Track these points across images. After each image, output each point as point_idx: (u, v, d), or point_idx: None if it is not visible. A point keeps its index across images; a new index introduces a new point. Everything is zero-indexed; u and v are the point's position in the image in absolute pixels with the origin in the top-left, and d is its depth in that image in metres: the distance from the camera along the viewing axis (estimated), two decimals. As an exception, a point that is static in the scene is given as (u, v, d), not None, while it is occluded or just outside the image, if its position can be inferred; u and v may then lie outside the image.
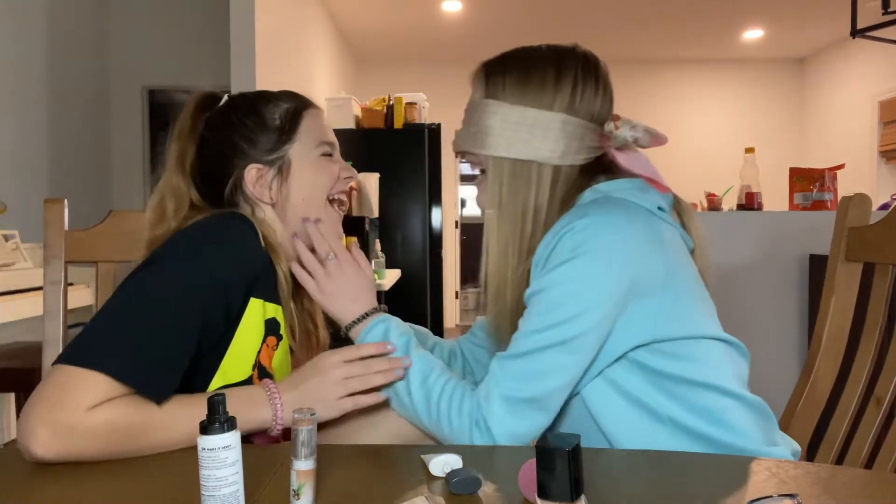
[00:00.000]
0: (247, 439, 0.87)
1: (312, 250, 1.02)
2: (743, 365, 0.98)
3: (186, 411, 0.82)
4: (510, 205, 0.96)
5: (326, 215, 1.05)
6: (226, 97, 1.07)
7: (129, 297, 0.85)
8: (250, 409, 0.86)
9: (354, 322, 0.98)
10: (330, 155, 1.06)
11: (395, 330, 0.97)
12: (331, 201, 1.06)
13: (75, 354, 0.79)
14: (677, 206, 1.02)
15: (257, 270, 0.94)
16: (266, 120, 1.03)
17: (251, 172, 1.01)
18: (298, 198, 1.02)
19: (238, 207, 1.03)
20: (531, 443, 0.89)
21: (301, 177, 1.03)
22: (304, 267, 1.02)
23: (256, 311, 0.95)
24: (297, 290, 1.13)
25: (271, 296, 0.97)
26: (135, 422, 0.80)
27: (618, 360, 0.91)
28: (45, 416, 0.76)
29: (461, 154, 1.03)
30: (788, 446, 0.97)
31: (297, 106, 1.05)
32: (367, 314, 0.99)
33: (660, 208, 0.95)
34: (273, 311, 0.98)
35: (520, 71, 0.97)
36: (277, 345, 0.99)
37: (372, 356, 0.94)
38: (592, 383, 0.92)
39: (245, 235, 0.94)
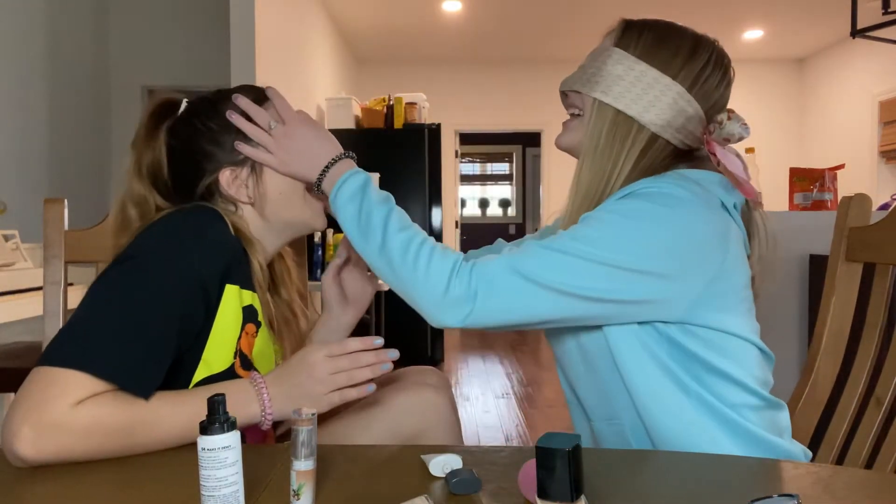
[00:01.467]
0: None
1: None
2: (769, 373, 0.98)
3: (174, 409, 0.82)
4: (604, 154, 0.95)
5: (309, 207, 1.03)
6: (185, 102, 1.05)
7: (105, 294, 0.84)
8: (239, 405, 0.85)
9: (322, 174, 0.95)
10: None
11: (374, 183, 0.94)
12: (310, 191, 1.03)
13: (55, 355, 0.79)
14: (747, 212, 1.01)
15: (230, 258, 0.93)
16: (229, 120, 1.01)
17: (225, 175, 1.00)
18: (276, 192, 1.01)
19: (216, 205, 1.01)
20: (533, 443, 0.89)
21: (275, 172, 1.01)
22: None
23: (233, 298, 0.94)
24: (273, 281, 1.13)
25: (246, 283, 0.97)
26: (121, 419, 0.79)
27: (643, 324, 0.90)
28: (28, 415, 0.75)
29: (565, 94, 1.03)
30: (802, 450, 0.98)
31: (257, 98, 1.02)
32: (334, 160, 0.95)
33: (735, 206, 0.95)
34: (250, 297, 0.98)
35: (658, 33, 0.97)
36: (257, 332, 0.99)
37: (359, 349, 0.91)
38: (625, 343, 0.90)
39: (215, 225, 0.94)
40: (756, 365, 0.95)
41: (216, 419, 0.64)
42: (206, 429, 0.63)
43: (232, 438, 0.64)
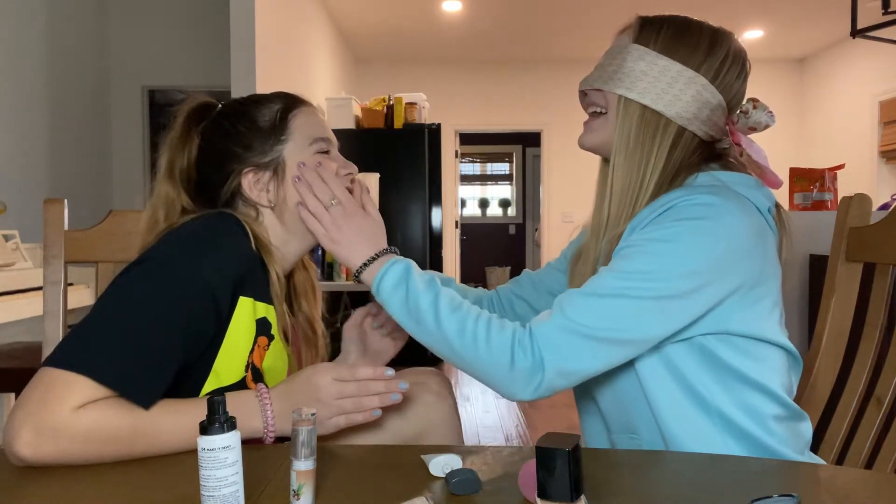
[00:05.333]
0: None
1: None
2: (795, 378, 0.99)
3: (176, 418, 0.82)
4: (636, 152, 0.95)
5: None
6: (220, 106, 1.07)
7: (115, 299, 0.85)
8: (242, 418, 0.84)
9: (364, 264, 0.95)
10: (326, 152, 1.04)
11: (415, 268, 0.94)
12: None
13: (60, 357, 0.79)
14: (777, 214, 1.01)
15: (244, 270, 0.93)
16: (258, 123, 1.02)
17: (248, 176, 1.01)
18: (297, 198, 1.01)
19: (237, 211, 1.02)
20: (535, 444, 0.89)
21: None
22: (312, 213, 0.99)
23: (246, 310, 0.94)
24: (295, 294, 1.12)
25: (262, 295, 0.96)
26: (122, 426, 0.79)
27: (683, 340, 0.90)
28: (29, 417, 0.76)
29: (585, 93, 1.02)
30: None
31: (288, 105, 1.04)
32: (377, 255, 0.96)
33: (769, 210, 0.96)
34: (264, 310, 0.97)
35: (676, 28, 0.97)
36: (269, 345, 0.98)
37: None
38: (649, 360, 0.91)
39: (233, 235, 0.93)
40: (785, 371, 0.95)
41: (216, 419, 0.64)
42: (206, 429, 0.63)
43: (232, 438, 0.64)
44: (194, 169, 1.04)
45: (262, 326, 0.97)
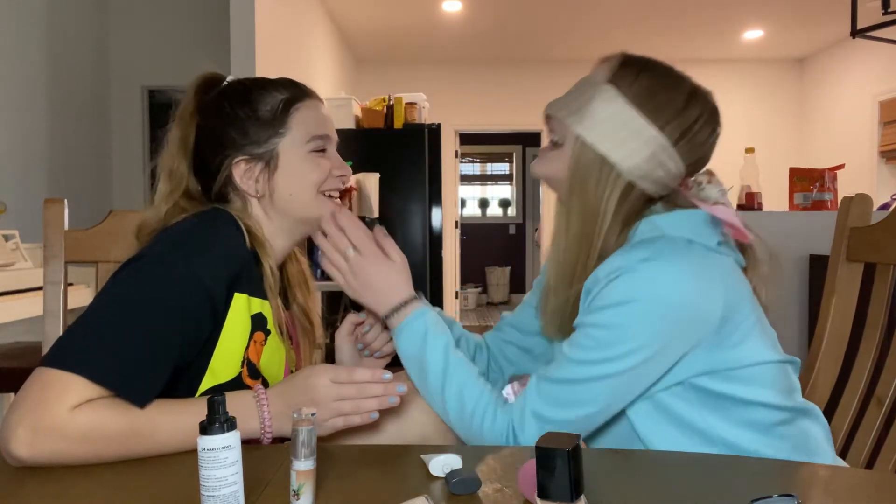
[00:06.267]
0: None
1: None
2: (795, 377, 0.98)
3: (173, 418, 0.82)
4: (584, 196, 0.93)
5: (321, 206, 1.02)
6: (226, 81, 1.05)
7: (109, 299, 0.84)
8: (239, 418, 0.83)
9: (388, 314, 0.97)
10: (323, 150, 1.03)
11: (434, 329, 0.96)
12: (322, 194, 1.03)
13: (55, 357, 0.79)
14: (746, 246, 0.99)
15: (238, 267, 0.93)
16: (258, 110, 1.00)
17: (239, 165, 1.00)
18: (286, 192, 1.00)
19: (229, 199, 1.02)
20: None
21: (289, 171, 1.00)
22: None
23: (241, 307, 0.94)
24: (289, 285, 1.12)
25: (256, 290, 0.96)
26: (119, 427, 0.79)
27: (666, 389, 0.90)
28: (25, 417, 0.75)
29: (549, 117, 1.00)
30: (835, 460, 0.97)
31: (292, 96, 1.02)
32: (398, 306, 0.97)
33: (719, 243, 0.92)
34: (259, 305, 0.97)
35: (654, 80, 0.93)
36: (266, 340, 0.98)
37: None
38: (640, 406, 0.92)
39: (227, 233, 0.93)
40: (781, 378, 0.93)
41: (216, 419, 0.64)
42: (206, 429, 0.63)
43: (232, 438, 0.64)
44: (195, 149, 1.03)
45: (258, 322, 0.97)
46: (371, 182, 4.18)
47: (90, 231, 1.29)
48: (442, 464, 0.75)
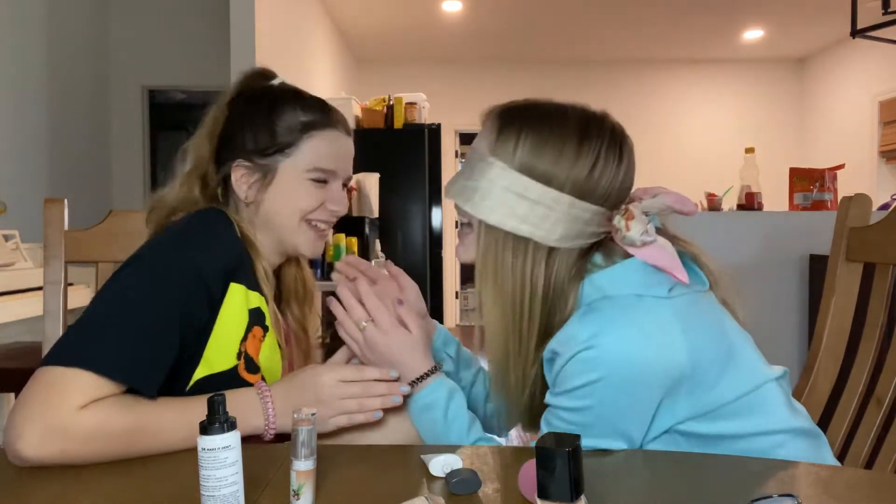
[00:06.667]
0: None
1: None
2: (787, 388, 0.93)
3: (178, 416, 0.82)
4: (504, 281, 0.87)
5: (301, 235, 1.02)
6: (274, 81, 1.05)
7: (109, 295, 0.86)
8: (243, 415, 0.84)
9: (409, 387, 0.95)
10: (323, 182, 1.02)
11: (453, 408, 0.93)
12: (308, 222, 1.02)
13: (58, 354, 0.79)
14: (686, 250, 0.92)
15: (234, 259, 0.94)
16: (276, 123, 1.00)
17: (239, 168, 1.01)
18: (271, 209, 1.01)
19: (226, 198, 1.04)
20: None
21: (281, 190, 1.00)
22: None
23: (238, 297, 0.94)
24: (287, 295, 1.13)
25: (254, 285, 0.97)
26: (127, 424, 0.79)
27: (659, 435, 0.86)
28: (32, 417, 0.76)
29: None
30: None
31: (313, 121, 1.01)
32: (418, 379, 0.94)
33: (670, 290, 0.85)
34: (257, 300, 0.97)
35: (537, 135, 0.86)
36: (264, 336, 0.98)
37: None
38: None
39: (222, 229, 0.95)
40: (771, 399, 0.88)
41: (216, 419, 0.64)
42: (206, 429, 0.63)
43: (232, 438, 0.64)
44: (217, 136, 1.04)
45: (257, 316, 0.97)
46: (371, 182, 4.18)
47: (90, 231, 1.29)
48: (442, 464, 0.75)
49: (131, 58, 4.78)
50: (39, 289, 2.13)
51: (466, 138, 8.01)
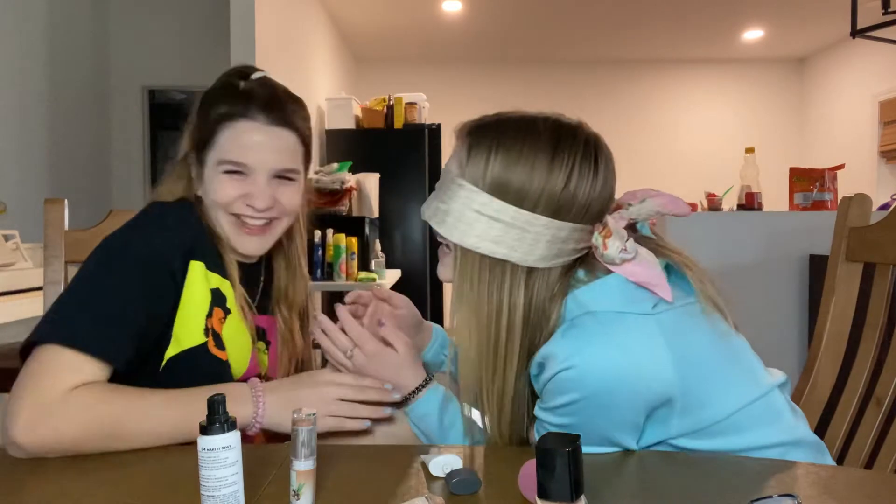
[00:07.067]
0: None
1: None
2: (786, 394, 0.92)
3: (165, 400, 0.86)
4: (480, 305, 0.84)
5: (224, 229, 1.02)
6: (254, 76, 1.05)
7: (75, 282, 0.91)
8: (231, 403, 0.84)
9: (403, 400, 0.98)
10: (236, 173, 0.99)
11: (450, 417, 0.96)
12: (235, 217, 1.01)
13: (33, 337, 0.86)
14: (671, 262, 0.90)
15: (191, 240, 0.98)
16: (202, 119, 1.02)
17: (191, 156, 1.05)
18: (206, 201, 1.03)
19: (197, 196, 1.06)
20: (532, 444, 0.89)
21: (205, 183, 1.02)
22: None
23: (199, 275, 0.98)
24: (278, 297, 1.14)
25: (212, 265, 1.00)
26: (113, 409, 0.84)
27: (651, 446, 0.86)
28: (23, 399, 0.81)
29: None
30: None
31: (226, 114, 0.99)
32: (410, 394, 0.98)
33: (654, 305, 0.83)
34: (217, 281, 1.00)
35: (507, 153, 0.83)
36: (225, 318, 1.01)
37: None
38: None
39: (178, 212, 1.00)
40: (766, 413, 0.86)
41: (216, 419, 0.64)
42: (206, 429, 0.63)
43: (232, 438, 0.64)
44: None
45: (217, 298, 1.00)
46: (371, 182, 4.18)
47: (90, 231, 1.29)
48: (442, 464, 0.75)
49: (131, 58, 4.78)
50: (39, 289, 2.13)
51: (466, 138, 8.02)
